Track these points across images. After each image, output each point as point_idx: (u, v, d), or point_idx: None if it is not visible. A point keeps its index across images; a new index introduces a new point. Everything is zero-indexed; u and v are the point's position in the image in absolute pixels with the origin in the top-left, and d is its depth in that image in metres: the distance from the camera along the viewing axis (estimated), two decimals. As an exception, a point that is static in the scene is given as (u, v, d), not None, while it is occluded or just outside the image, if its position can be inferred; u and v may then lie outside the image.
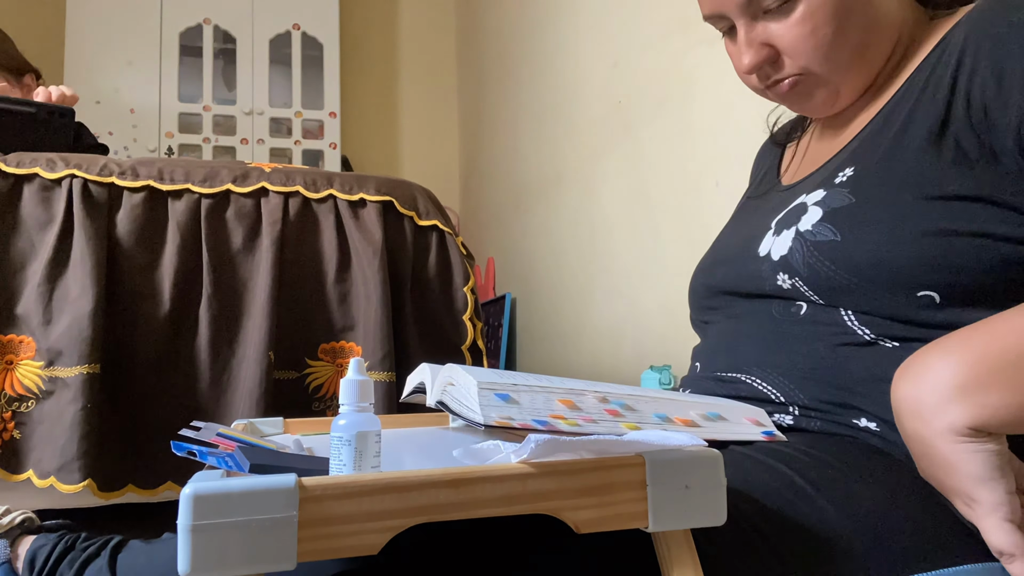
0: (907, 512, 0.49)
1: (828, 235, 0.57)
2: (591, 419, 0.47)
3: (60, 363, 1.12)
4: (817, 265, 0.57)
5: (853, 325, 0.57)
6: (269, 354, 1.19)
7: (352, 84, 3.57)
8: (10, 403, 1.11)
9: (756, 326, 0.64)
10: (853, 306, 0.57)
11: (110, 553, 0.71)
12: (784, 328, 0.61)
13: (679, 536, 0.41)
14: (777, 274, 0.61)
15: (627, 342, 1.93)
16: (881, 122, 0.62)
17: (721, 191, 1.52)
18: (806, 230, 0.59)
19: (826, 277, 0.57)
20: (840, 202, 0.58)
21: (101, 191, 1.20)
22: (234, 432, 0.53)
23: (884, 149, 0.59)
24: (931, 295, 0.53)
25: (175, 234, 1.22)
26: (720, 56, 1.52)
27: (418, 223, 1.34)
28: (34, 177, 1.18)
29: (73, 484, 1.06)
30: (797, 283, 0.59)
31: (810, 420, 0.57)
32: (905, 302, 0.54)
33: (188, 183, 1.24)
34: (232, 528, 0.34)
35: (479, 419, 0.44)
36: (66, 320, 1.13)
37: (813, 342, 0.58)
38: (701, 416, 0.53)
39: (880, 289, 0.55)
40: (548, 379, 0.51)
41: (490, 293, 3.14)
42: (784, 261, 0.60)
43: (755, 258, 0.64)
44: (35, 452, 1.11)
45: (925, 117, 0.57)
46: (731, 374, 0.64)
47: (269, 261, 1.23)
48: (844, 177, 0.60)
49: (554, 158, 2.48)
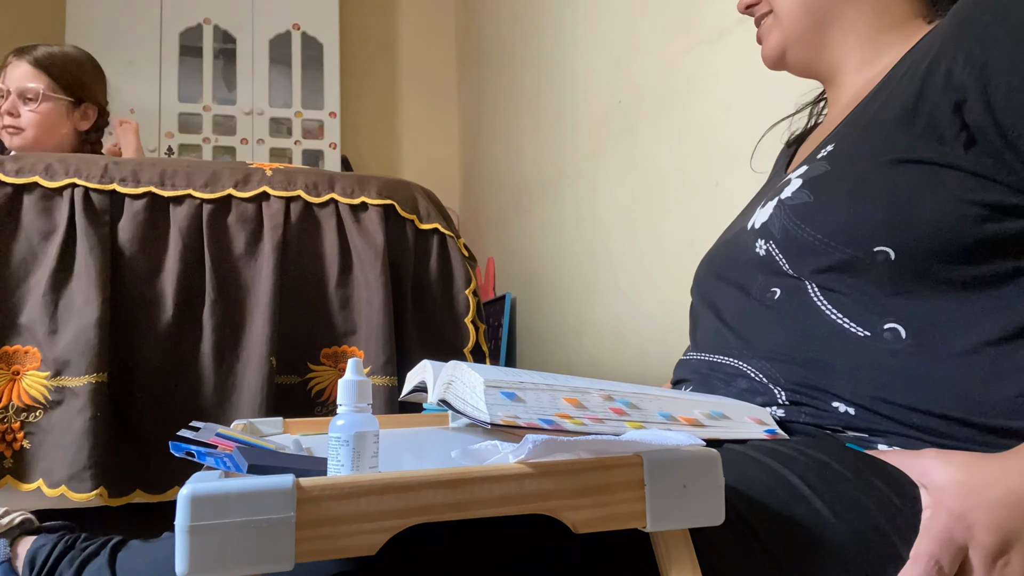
0: (903, 513, 0.49)
1: (803, 198, 0.61)
2: (597, 418, 0.47)
3: (67, 372, 1.12)
4: (790, 226, 0.61)
5: (822, 305, 0.58)
6: (271, 359, 1.19)
7: (352, 84, 3.57)
8: (18, 413, 1.12)
9: (736, 313, 0.67)
10: (814, 266, 0.59)
11: (110, 552, 0.71)
12: (760, 313, 0.63)
13: (677, 536, 0.41)
14: (757, 240, 0.64)
15: (627, 342, 1.93)
16: (864, 105, 0.65)
17: (721, 191, 1.52)
18: (786, 197, 0.62)
19: (795, 236, 0.60)
20: (818, 171, 0.62)
21: (102, 199, 1.20)
22: (233, 432, 0.53)
23: (861, 125, 0.63)
24: (886, 250, 0.55)
25: (177, 240, 1.22)
26: (720, 56, 1.52)
27: (419, 227, 1.34)
28: (34, 187, 1.18)
29: (84, 493, 1.07)
30: (771, 247, 0.62)
31: (799, 410, 0.58)
32: (862, 258, 0.56)
33: (189, 188, 1.24)
34: (230, 529, 0.34)
35: (485, 418, 0.43)
36: (72, 330, 1.13)
37: (789, 325, 0.60)
38: (705, 415, 0.54)
39: (840, 244, 0.57)
40: (553, 377, 0.51)
41: (490, 293, 3.14)
42: (764, 227, 0.64)
43: (744, 232, 0.68)
44: (45, 461, 1.11)
45: (902, 94, 0.60)
46: (717, 358, 0.66)
47: (271, 266, 1.23)
48: (825, 152, 0.64)
49: (554, 158, 2.48)
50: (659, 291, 1.77)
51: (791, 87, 0.92)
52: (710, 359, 0.67)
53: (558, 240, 2.44)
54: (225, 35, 3.23)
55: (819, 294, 0.59)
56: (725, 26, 1.50)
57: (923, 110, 0.57)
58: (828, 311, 0.58)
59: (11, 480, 1.10)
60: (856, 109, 0.66)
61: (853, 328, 0.57)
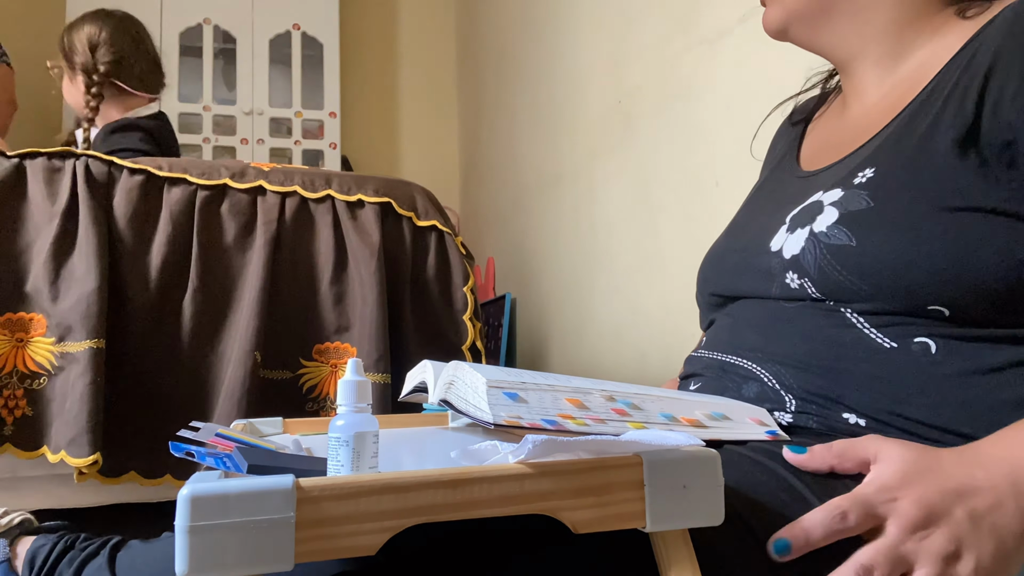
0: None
1: (843, 239, 0.56)
2: (599, 418, 0.47)
3: (70, 338, 1.13)
4: (828, 269, 0.56)
5: (852, 318, 0.57)
6: (255, 354, 1.19)
7: (352, 84, 3.57)
8: (22, 380, 1.12)
9: (758, 315, 0.64)
10: (859, 310, 0.56)
11: (109, 552, 0.71)
12: (784, 317, 0.61)
13: (677, 536, 0.41)
14: (787, 272, 0.60)
15: (627, 342, 1.93)
16: (907, 120, 0.60)
17: (721, 191, 1.52)
18: (820, 231, 0.58)
19: (836, 282, 0.56)
20: (857, 205, 0.57)
21: (101, 169, 1.21)
22: (232, 432, 0.53)
23: (908, 153, 0.57)
24: (941, 310, 0.53)
25: (167, 222, 1.22)
26: (720, 56, 1.52)
27: (417, 223, 1.34)
28: (37, 155, 1.19)
29: (82, 458, 1.07)
30: (806, 284, 0.58)
31: (807, 417, 0.57)
32: (912, 311, 0.54)
33: (186, 174, 1.25)
34: (229, 529, 0.34)
35: (488, 418, 0.43)
36: (73, 296, 1.14)
37: (812, 332, 0.58)
38: (706, 416, 0.54)
39: (890, 299, 0.54)
40: (555, 377, 0.51)
41: (490, 293, 3.14)
42: (795, 261, 0.59)
43: (767, 252, 0.63)
44: (49, 428, 1.12)
45: (953, 123, 0.55)
46: (731, 359, 0.64)
47: (262, 260, 1.23)
48: (864, 178, 0.58)
49: (554, 158, 2.48)
50: (659, 291, 1.77)
51: (791, 87, 0.92)
52: (723, 359, 0.65)
53: (558, 240, 2.44)
54: (225, 35, 3.23)
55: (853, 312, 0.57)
56: (725, 26, 1.50)
57: (976, 141, 0.54)
58: (856, 321, 0.56)
59: (10, 448, 1.10)
60: (897, 123, 0.61)
61: (880, 339, 0.55)
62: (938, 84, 0.59)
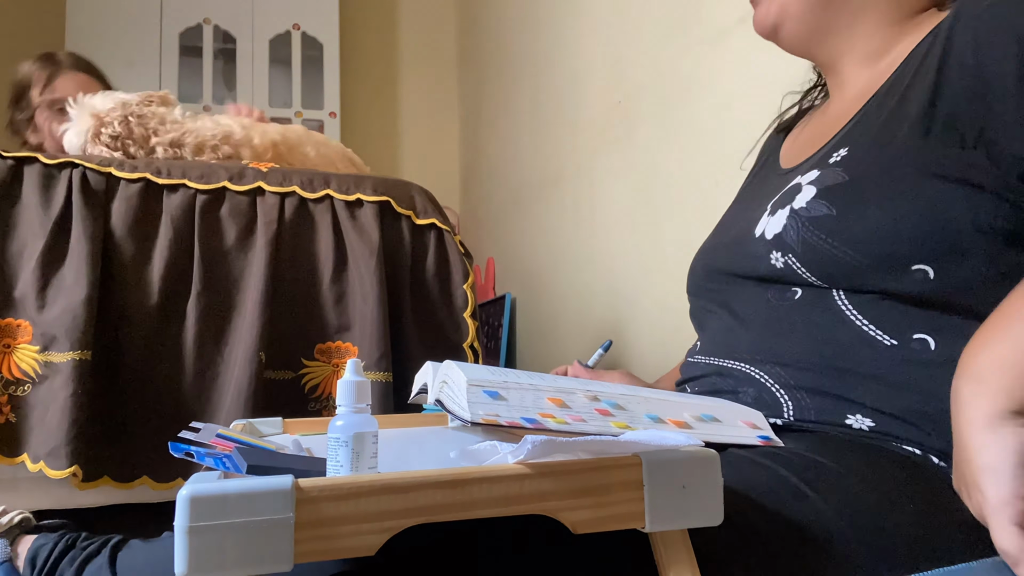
0: (904, 512, 0.49)
1: (823, 210, 0.57)
2: (580, 418, 0.47)
3: (54, 348, 1.12)
4: (812, 239, 0.57)
5: (848, 312, 0.57)
6: (260, 354, 1.19)
7: (352, 84, 3.57)
8: (7, 387, 1.12)
9: (752, 314, 0.64)
10: (846, 284, 0.57)
11: (110, 552, 0.71)
12: (780, 315, 0.61)
13: (676, 536, 0.41)
14: (771, 253, 0.61)
15: (627, 342, 1.93)
16: (875, 105, 0.62)
17: (721, 191, 1.52)
18: (800, 207, 0.59)
19: (822, 251, 0.57)
20: (834, 180, 0.58)
21: (99, 180, 1.21)
22: (232, 432, 0.53)
23: (876, 129, 0.60)
24: (925, 269, 0.54)
25: (168, 228, 1.22)
26: (720, 56, 1.52)
27: (416, 222, 1.34)
28: (34, 161, 1.19)
29: (60, 470, 1.07)
30: (791, 260, 0.59)
31: (808, 413, 0.57)
32: (899, 276, 0.55)
33: (185, 179, 1.25)
34: (229, 530, 0.34)
35: (467, 416, 0.44)
36: (60, 305, 1.13)
37: (809, 332, 0.58)
38: (695, 418, 0.53)
39: (876, 262, 0.55)
40: (540, 377, 0.51)
41: (490, 293, 3.14)
42: (778, 239, 0.60)
43: (752, 239, 0.65)
44: (30, 436, 1.11)
45: (917, 97, 0.58)
46: (728, 363, 0.64)
47: (263, 260, 1.23)
48: (838, 157, 0.60)
49: (554, 158, 2.48)
50: (659, 291, 1.77)
51: (792, 86, 0.92)
52: (718, 363, 0.65)
53: (558, 240, 2.44)
54: (225, 35, 3.23)
55: (845, 300, 0.57)
56: (725, 26, 1.50)
57: (939, 113, 0.55)
58: (854, 317, 0.56)
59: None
60: (867, 107, 0.63)
61: (880, 336, 0.55)
62: (904, 68, 0.61)
